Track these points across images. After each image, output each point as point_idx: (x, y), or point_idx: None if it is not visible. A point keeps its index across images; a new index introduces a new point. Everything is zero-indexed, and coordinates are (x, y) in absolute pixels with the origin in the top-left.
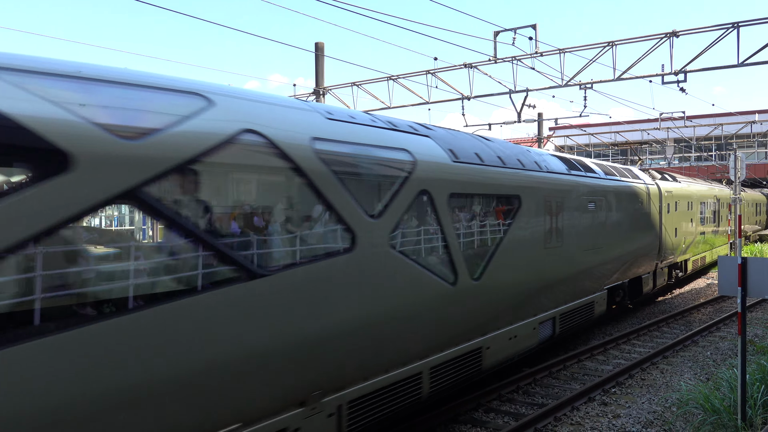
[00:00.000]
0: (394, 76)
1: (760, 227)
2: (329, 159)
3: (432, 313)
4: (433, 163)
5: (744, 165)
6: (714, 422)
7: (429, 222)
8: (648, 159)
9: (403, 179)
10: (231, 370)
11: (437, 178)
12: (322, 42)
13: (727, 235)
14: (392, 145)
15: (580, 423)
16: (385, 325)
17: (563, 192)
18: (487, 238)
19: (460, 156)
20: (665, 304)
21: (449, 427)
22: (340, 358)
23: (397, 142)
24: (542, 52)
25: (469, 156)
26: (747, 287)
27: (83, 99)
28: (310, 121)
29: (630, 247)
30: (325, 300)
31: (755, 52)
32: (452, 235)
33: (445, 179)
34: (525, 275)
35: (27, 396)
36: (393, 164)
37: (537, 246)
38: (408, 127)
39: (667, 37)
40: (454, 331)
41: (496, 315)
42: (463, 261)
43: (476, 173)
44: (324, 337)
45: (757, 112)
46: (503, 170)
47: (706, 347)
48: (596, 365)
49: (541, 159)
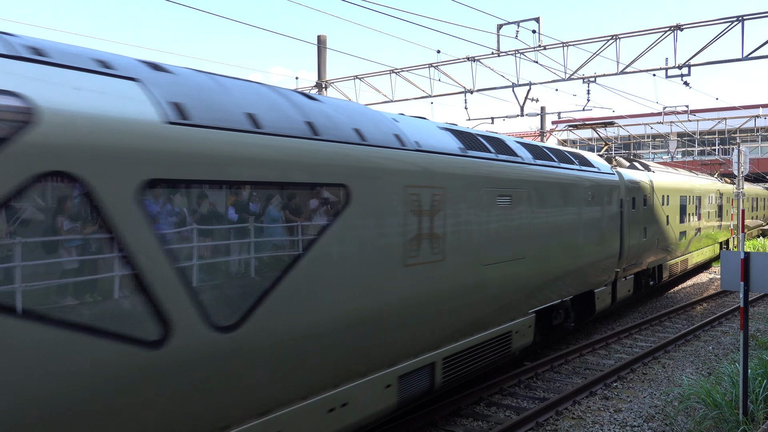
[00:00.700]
0: (397, 69)
1: (762, 222)
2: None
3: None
4: (98, 123)
5: (747, 159)
6: (715, 417)
7: (81, 230)
8: (651, 153)
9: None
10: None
11: (109, 148)
12: (325, 35)
13: (717, 232)
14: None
15: (581, 417)
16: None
17: (446, 180)
18: (265, 257)
19: (197, 114)
20: (667, 299)
21: (451, 421)
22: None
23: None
24: (545, 45)
25: (223, 115)
26: (750, 282)
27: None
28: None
29: (574, 255)
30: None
31: (760, 46)
32: (155, 254)
33: (138, 153)
34: (356, 308)
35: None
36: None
37: (387, 263)
38: (64, 55)
39: (671, 30)
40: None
41: (288, 379)
42: (189, 298)
43: (230, 145)
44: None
45: (761, 106)
46: (307, 144)
47: (708, 342)
48: (598, 359)
49: (411, 132)
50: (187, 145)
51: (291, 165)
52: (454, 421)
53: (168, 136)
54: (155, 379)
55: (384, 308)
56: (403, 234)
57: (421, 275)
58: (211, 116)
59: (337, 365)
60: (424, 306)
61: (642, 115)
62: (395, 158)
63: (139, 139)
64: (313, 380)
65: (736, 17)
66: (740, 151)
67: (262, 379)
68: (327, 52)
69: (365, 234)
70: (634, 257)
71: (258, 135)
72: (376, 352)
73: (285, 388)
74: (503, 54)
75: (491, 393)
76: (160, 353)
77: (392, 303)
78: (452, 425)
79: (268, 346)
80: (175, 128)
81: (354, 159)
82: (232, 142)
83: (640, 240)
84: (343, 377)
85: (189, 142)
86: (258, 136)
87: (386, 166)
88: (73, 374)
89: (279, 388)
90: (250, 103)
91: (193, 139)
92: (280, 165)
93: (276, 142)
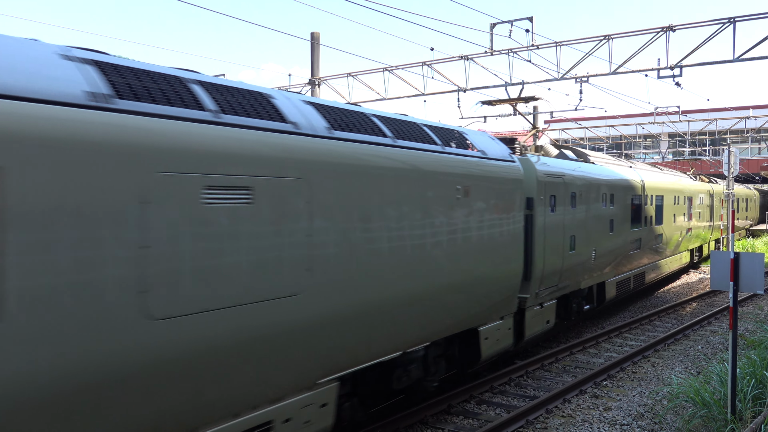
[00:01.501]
0: (390, 67)
1: (749, 223)
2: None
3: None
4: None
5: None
6: (704, 416)
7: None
8: (642, 153)
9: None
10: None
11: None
12: (318, 32)
13: (688, 239)
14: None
15: (571, 415)
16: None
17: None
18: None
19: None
20: (657, 298)
21: (441, 419)
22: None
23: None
24: (539, 44)
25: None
26: (739, 282)
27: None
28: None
29: (422, 280)
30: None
31: (751, 47)
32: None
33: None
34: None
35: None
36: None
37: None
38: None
39: (663, 31)
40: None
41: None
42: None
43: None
44: None
45: (751, 107)
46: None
47: (697, 341)
48: (588, 358)
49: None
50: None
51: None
52: (444, 419)
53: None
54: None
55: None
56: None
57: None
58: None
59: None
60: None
61: (634, 115)
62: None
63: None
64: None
65: (728, 19)
66: (730, 152)
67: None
68: (321, 50)
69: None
70: (555, 277)
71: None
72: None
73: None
74: (497, 53)
75: (482, 391)
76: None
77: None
78: (443, 423)
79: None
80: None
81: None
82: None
83: (563, 253)
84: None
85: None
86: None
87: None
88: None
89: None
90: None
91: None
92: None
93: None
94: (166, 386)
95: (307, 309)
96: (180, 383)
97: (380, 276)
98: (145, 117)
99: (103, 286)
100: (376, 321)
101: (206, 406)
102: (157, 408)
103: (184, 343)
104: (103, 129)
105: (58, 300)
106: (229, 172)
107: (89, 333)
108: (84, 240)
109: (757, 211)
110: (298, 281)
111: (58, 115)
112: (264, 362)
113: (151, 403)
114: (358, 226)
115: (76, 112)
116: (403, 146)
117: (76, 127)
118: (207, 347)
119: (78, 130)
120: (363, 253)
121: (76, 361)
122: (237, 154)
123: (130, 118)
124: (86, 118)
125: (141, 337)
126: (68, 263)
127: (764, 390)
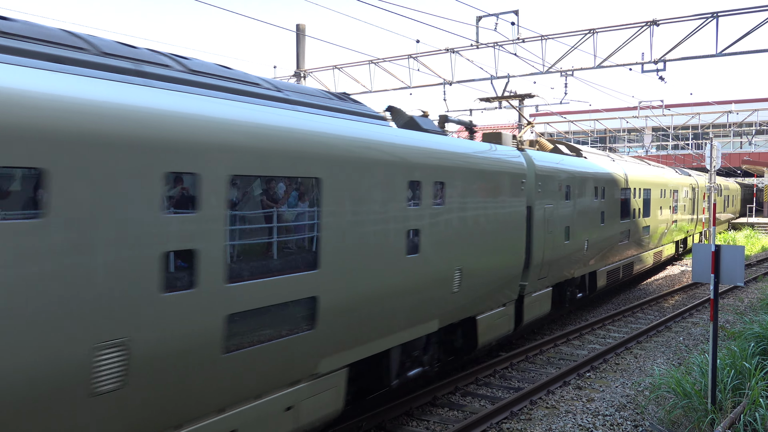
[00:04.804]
0: (376, 60)
1: (731, 216)
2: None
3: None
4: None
5: (720, 154)
6: (685, 406)
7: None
8: (626, 147)
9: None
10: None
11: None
12: (304, 24)
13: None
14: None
15: (555, 406)
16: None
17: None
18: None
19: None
20: (640, 291)
21: (427, 410)
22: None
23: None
24: (524, 38)
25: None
26: (720, 275)
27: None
28: None
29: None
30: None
31: (733, 42)
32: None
33: None
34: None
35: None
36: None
37: None
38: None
39: (647, 25)
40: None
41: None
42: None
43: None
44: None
45: (733, 102)
46: None
47: (678, 333)
48: (572, 350)
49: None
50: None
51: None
52: (429, 410)
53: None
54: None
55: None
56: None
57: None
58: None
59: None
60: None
61: (618, 109)
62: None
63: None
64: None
65: (711, 14)
66: (713, 146)
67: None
68: (306, 41)
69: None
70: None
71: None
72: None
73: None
74: (482, 46)
75: (467, 383)
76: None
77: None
78: (428, 414)
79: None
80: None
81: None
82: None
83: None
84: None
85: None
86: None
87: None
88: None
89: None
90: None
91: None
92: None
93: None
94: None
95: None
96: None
97: (374, 268)
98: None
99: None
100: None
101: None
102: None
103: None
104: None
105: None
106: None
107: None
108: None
109: (739, 205)
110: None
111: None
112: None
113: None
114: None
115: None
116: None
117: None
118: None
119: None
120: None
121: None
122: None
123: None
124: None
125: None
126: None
127: (744, 380)
